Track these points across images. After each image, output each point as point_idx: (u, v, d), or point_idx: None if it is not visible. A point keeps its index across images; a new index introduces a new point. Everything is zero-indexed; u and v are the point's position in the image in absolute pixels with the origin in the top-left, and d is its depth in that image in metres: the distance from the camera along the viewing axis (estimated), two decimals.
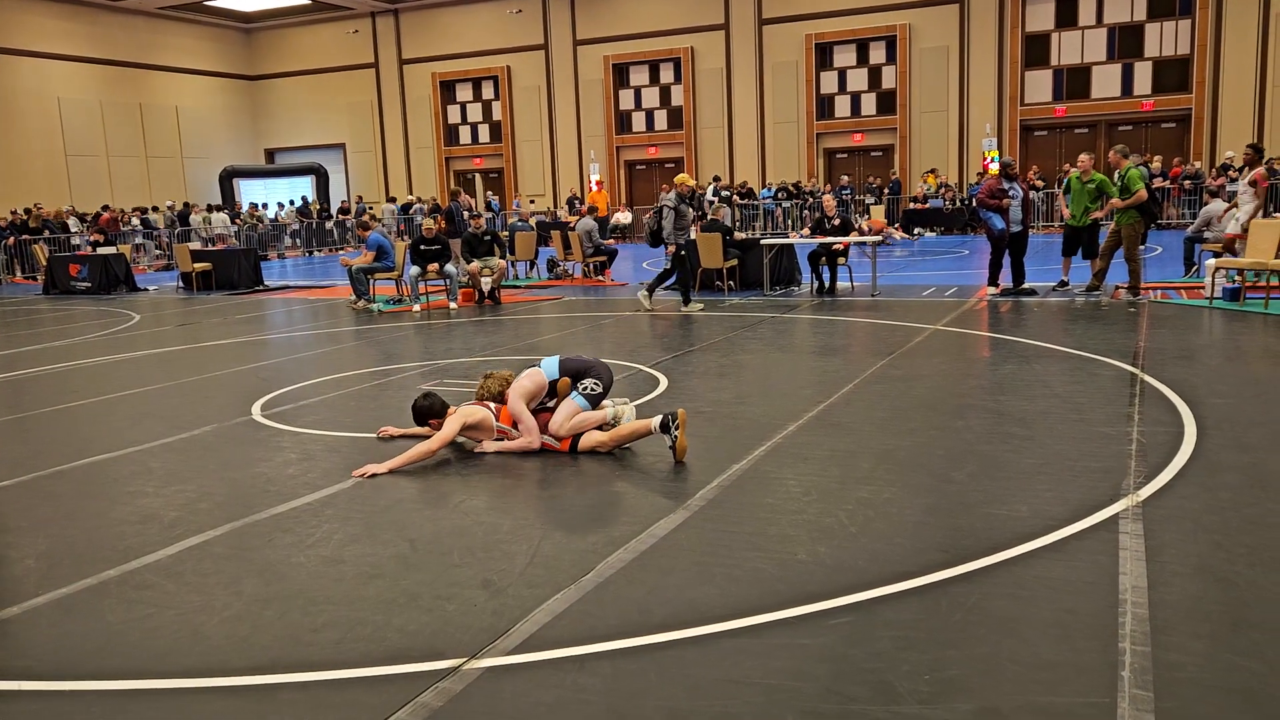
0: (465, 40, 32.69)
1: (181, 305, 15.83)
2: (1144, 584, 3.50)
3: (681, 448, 5.32)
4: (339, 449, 5.95)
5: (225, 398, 7.75)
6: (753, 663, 3.06)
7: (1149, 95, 26.14)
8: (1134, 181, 11.28)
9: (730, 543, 4.09)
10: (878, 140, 29.18)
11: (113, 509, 4.99)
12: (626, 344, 9.71)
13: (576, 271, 17.20)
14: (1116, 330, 9.15)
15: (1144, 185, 11.35)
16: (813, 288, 13.42)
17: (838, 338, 9.68)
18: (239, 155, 34.53)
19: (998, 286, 12.14)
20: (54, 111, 29.12)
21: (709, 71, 30.03)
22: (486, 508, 4.79)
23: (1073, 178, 12.15)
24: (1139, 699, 2.75)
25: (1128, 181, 11.31)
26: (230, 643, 3.37)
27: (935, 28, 27.52)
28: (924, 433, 5.77)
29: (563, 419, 5.56)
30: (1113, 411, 6.06)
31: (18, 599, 3.80)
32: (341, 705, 2.92)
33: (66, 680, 3.15)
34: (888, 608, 3.42)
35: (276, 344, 11.03)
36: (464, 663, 3.13)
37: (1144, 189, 11.29)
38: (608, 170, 31.42)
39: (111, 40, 30.56)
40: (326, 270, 22.09)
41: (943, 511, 4.40)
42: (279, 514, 4.73)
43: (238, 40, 35.21)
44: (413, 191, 33.34)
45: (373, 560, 4.07)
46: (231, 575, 3.98)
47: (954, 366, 7.84)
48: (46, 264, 19.99)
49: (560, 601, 3.56)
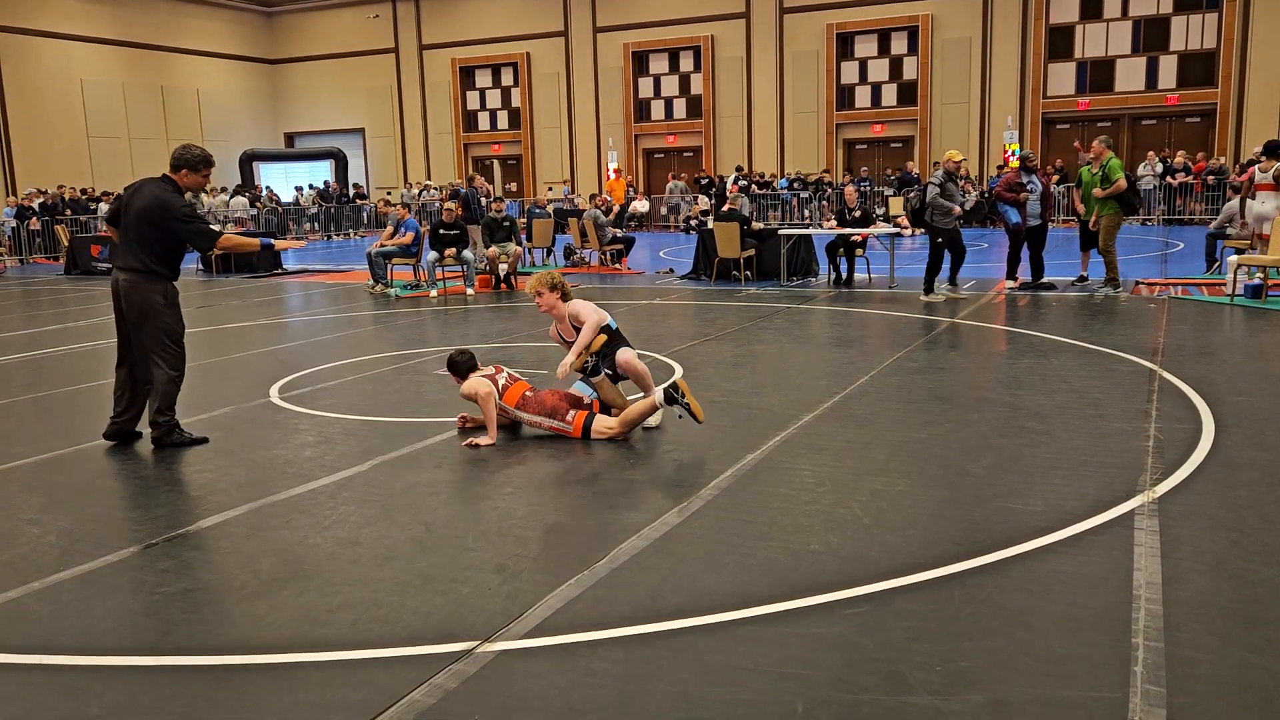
0: (485, 26, 32.66)
1: (201, 287, 15.93)
2: (1159, 580, 3.49)
3: (697, 410, 5.45)
4: (356, 432, 5.99)
5: (244, 380, 7.80)
6: (764, 651, 3.08)
7: (1173, 89, 25.87)
8: (1114, 171, 11.21)
9: (743, 532, 4.10)
10: (898, 131, 29.01)
11: (133, 488, 5.04)
12: (642, 332, 9.72)
13: (593, 259, 17.21)
14: (1136, 326, 9.09)
15: (1123, 175, 11.28)
16: (830, 279, 13.39)
17: (854, 329, 9.66)
18: (259, 139, 34.65)
19: (1016, 280, 12.07)
20: (76, 93, 29.29)
21: (729, 60, 29.91)
22: (501, 493, 4.82)
23: (1083, 171, 12.07)
24: (1151, 694, 2.75)
25: (1108, 171, 11.25)
26: (248, 621, 3.41)
27: (958, 18, 27.31)
28: (939, 425, 5.76)
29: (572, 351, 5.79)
30: (1130, 407, 6.03)
31: (40, 574, 3.86)
32: (356, 685, 2.95)
33: (87, 655, 3.19)
34: (900, 599, 3.42)
35: (294, 327, 11.10)
36: (477, 645, 3.15)
37: (1123, 179, 11.22)
38: (626, 158, 31.38)
39: (133, 22, 30.69)
40: (344, 254, 22.17)
41: (957, 504, 4.40)
42: (296, 495, 4.77)
43: (259, 24, 35.29)
44: (430, 177, 33.38)
45: (388, 543, 4.11)
46: (249, 555, 4.02)
47: (971, 360, 7.81)
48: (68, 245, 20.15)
49: (573, 587, 3.58)
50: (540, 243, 17.47)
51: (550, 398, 5.74)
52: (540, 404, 5.72)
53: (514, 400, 5.74)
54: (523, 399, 5.75)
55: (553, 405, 5.70)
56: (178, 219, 5.66)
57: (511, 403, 5.74)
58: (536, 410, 5.72)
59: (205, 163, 5.79)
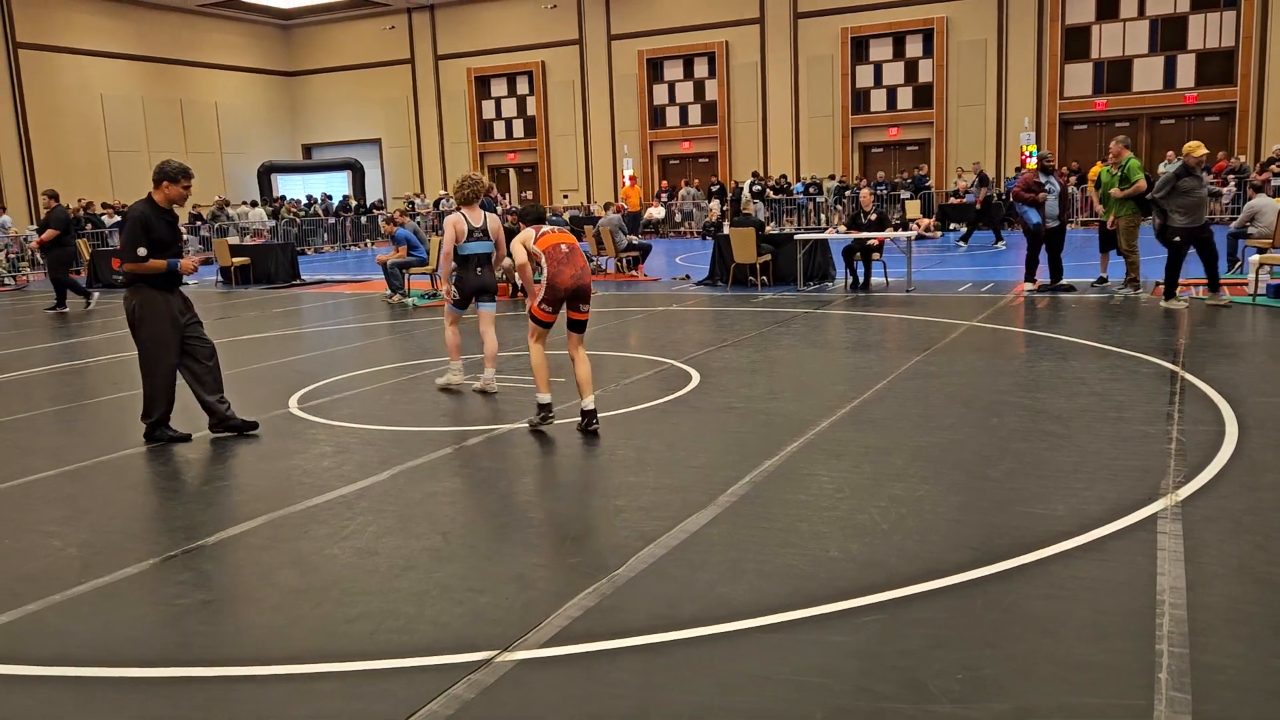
0: (500, 36, 32.79)
1: (220, 299, 16.04)
2: (1183, 585, 3.45)
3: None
4: (373, 442, 6.01)
5: (263, 391, 7.84)
6: (783, 659, 3.05)
7: (1192, 88, 25.67)
8: (1133, 172, 11.12)
9: (761, 539, 4.08)
10: (913, 134, 28.91)
11: (153, 500, 5.07)
12: (658, 339, 9.71)
13: (609, 267, 17.22)
14: (1156, 327, 9.01)
15: (1143, 176, 11.18)
16: (847, 283, 13.34)
17: (871, 333, 9.62)
18: (277, 151, 34.89)
19: (1034, 282, 11.99)
20: (97, 108, 29.59)
21: (743, 66, 29.90)
22: (517, 501, 4.81)
23: (1101, 171, 11.98)
24: (1177, 701, 2.71)
25: (1127, 172, 11.16)
26: (267, 632, 3.42)
27: (973, 20, 27.20)
28: (958, 430, 5.72)
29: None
30: (1152, 410, 5.97)
31: (60, 587, 3.88)
32: (375, 696, 2.95)
33: (107, 667, 3.21)
34: (920, 606, 3.39)
35: (312, 338, 11.15)
36: (495, 655, 3.15)
37: (1142, 180, 11.12)
38: (641, 165, 31.41)
39: (152, 37, 30.99)
40: (362, 265, 22.28)
41: (977, 510, 4.36)
42: (314, 506, 4.78)
43: (276, 36, 35.56)
44: (446, 187, 33.52)
45: (406, 553, 4.11)
46: (268, 566, 4.04)
47: (989, 363, 7.76)
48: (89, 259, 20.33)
49: (591, 596, 3.57)
50: None
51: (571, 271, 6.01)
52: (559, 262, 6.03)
53: (547, 244, 6.06)
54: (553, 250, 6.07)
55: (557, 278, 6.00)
56: (121, 231, 6.01)
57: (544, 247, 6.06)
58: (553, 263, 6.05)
59: (183, 174, 6.04)
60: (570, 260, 6.01)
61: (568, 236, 6.16)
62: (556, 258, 5.99)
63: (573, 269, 5.99)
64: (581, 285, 6.02)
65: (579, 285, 6.00)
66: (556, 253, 6.01)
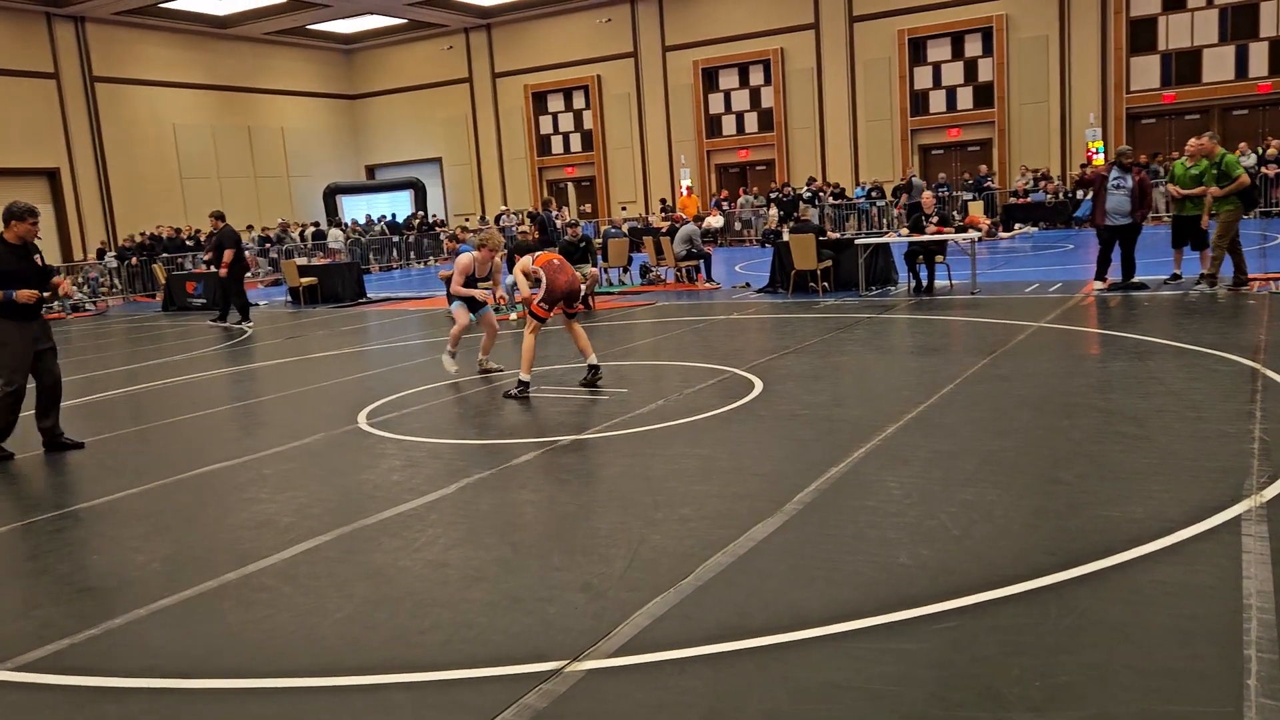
0: (556, 51, 33.11)
1: (289, 319, 16.42)
2: (1270, 588, 3.34)
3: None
4: (441, 455, 6.09)
5: (332, 407, 8.01)
6: (855, 667, 3.03)
7: (1265, 77, 24.87)
8: (1233, 167, 10.76)
9: (829, 546, 4.05)
10: (974, 135, 28.47)
11: (230, 514, 5.21)
12: (720, 348, 9.69)
13: (669, 276, 17.24)
14: (1234, 324, 8.73)
15: (1243, 170, 10.83)
16: (910, 287, 13.18)
17: (936, 337, 9.48)
18: (341, 172, 35.65)
19: (1105, 281, 11.71)
20: (170, 137, 30.54)
21: (799, 71, 29.76)
22: (584, 511, 4.84)
23: (1176, 165, 11.65)
24: (1268, 709, 2.62)
25: (1226, 168, 10.80)
26: (342, 643, 3.49)
27: (1034, 17, 26.73)
28: (1029, 433, 5.61)
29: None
30: (1232, 408, 5.79)
31: (145, 601, 4.00)
32: (448, 706, 2.99)
33: (189, 679, 3.30)
34: (994, 612, 3.33)
35: (379, 354, 11.35)
36: (566, 664, 3.17)
37: (1244, 174, 10.77)
38: (698, 174, 31.42)
39: (222, 67, 31.92)
40: (425, 282, 22.62)
41: (1050, 514, 4.27)
42: (386, 519, 4.87)
43: (338, 61, 36.37)
44: (506, 202, 33.91)
45: (476, 564, 4.16)
46: (343, 578, 4.12)
47: (1060, 365, 7.59)
48: (165, 283, 20.98)
49: (660, 605, 3.58)
50: (616, 262, 17.57)
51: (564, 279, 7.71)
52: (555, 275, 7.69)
53: (541, 262, 7.73)
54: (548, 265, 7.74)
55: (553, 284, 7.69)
56: None
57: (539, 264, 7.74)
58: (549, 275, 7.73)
59: (29, 213, 6.63)
60: (563, 270, 7.72)
61: (557, 255, 7.95)
62: (552, 269, 7.67)
63: (566, 276, 7.69)
64: (573, 289, 7.74)
65: (571, 289, 7.72)
66: (551, 266, 7.70)
